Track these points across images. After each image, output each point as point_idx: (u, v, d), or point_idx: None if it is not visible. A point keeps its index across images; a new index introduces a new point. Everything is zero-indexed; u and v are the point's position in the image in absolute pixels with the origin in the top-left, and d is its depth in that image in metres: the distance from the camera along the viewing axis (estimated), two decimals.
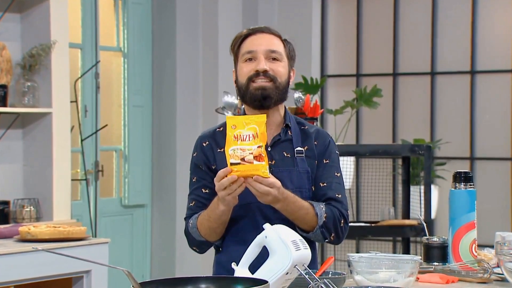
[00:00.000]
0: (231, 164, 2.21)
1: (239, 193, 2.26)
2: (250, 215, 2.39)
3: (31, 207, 4.57)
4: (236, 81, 2.46)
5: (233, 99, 4.27)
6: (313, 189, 2.44)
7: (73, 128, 4.99)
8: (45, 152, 4.66)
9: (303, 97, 4.17)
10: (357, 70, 6.33)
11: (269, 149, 2.42)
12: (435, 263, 2.54)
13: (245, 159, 2.20)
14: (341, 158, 5.17)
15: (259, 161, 2.20)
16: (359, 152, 4.81)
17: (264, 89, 2.39)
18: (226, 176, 2.22)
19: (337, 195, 2.45)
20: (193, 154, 2.49)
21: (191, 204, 2.47)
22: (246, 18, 6.19)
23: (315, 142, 2.47)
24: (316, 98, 5.04)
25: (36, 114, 4.67)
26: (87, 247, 3.71)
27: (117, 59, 5.99)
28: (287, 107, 2.56)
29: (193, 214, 2.45)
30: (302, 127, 2.50)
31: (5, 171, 4.68)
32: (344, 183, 2.55)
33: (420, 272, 2.35)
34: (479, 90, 5.94)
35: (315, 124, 4.18)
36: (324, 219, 2.38)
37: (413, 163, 5.54)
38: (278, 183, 2.26)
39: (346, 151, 4.56)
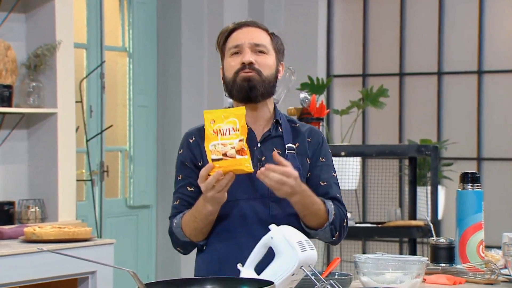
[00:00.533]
0: (213, 160, 2.14)
1: (228, 188, 2.18)
2: (239, 212, 2.31)
3: (36, 207, 4.57)
4: (224, 78, 2.42)
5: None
6: (312, 187, 2.37)
7: (78, 129, 4.98)
8: (50, 153, 4.65)
9: (309, 97, 4.15)
10: (363, 70, 6.31)
11: (259, 145, 2.37)
12: (442, 264, 2.53)
13: (227, 154, 2.14)
14: (347, 159, 5.18)
15: (241, 155, 2.13)
16: (365, 152, 4.79)
17: (250, 80, 2.33)
18: (209, 174, 2.15)
19: (338, 195, 2.41)
20: (179, 151, 2.43)
21: (175, 203, 2.40)
22: (252, 17, 6.15)
23: (308, 139, 2.42)
24: (322, 98, 5.02)
25: (41, 114, 4.66)
26: (92, 248, 3.70)
27: (122, 59, 5.99)
28: (293, 108, 2.53)
29: (178, 213, 2.37)
30: (293, 125, 2.44)
31: (10, 171, 4.67)
32: (349, 184, 2.53)
33: (427, 273, 2.33)
34: (486, 90, 5.92)
35: (320, 124, 4.17)
36: (333, 216, 2.34)
37: (420, 163, 5.52)
38: (295, 173, 2.20)
39: (352, 151, 4.54)
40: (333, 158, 2.50)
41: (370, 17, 6.31)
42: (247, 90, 2.34)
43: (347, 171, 5.12)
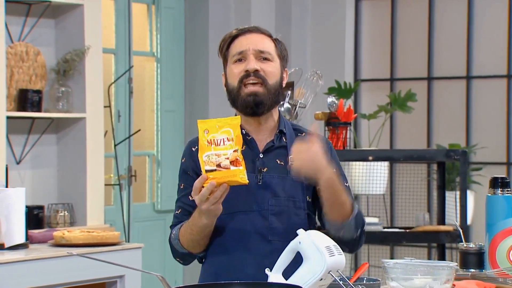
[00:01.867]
0: (206, 171, 2.06)
1: (222, 200, 2.10)
2: (237, 225, 2.24)
3: (65, 212, 4.60)
4: (226, 85, 2.34)
5: None
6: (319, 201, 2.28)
7: (106, 133, 5.02)
8: (78, 157, 4.69)
9: (336, 101, 4.14)
10: (391, 74, 6.28)
11: (261, 156, 2.29)
12: (472, 270, 2.51)
13: (221, 165, 2.06)
14: (375, 163, 5.16)
15: (236, 166, 2.06)
16: (393, 157, 4.76)
17: (256, 95, 2.25)
18: (203, 186, 2.07)
19: (346, 185, 2.32)
20: (181, 160, 2.35)
21: (177, 212, 2.34)
22: (279, 22, 6.18)
23: None
24: (349, 102, 5.00)
25: (70, 119, 4.70)
26: (121, 252, 3.72)
27: (150, 64, 6.02)
28: (320, 112, 2.49)
29: (179, 223, 2.31)
30: (299, 134, 2.35)
31: (39, 176, 4.71)
32: (377, 189, 2.50)
33: (456, 279, 2.31)
34: None
35: (348, 129, 4.16)
36: (357, 210, 2.26)
37: (448, 168, 5.48)
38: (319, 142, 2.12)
39: (380, 156, 4.52)
40: (361, 163, 2.47)
41: (398, 20, 6.28)
42: (253, 106, 2.27)
43: (375, 176, 5.10)
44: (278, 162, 2.29)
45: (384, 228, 4.57)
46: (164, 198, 5.97)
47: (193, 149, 2.32)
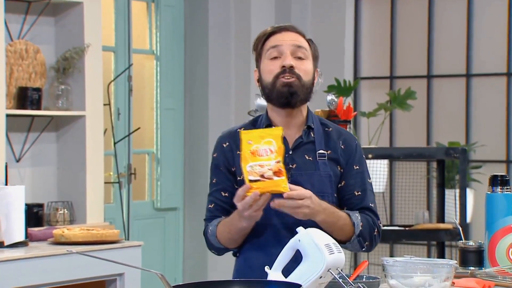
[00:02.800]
0: (250, 181, 2.15)
1: (264, 207, 2.20)
2: (268, 222, 2.33)
3: (65, 210, 4.60)
4: (260, 80, 2.41)
5: (265, 101, 4.25)
6: (345, 196, 2.39)
7: (106, 131, 5.01)
8: (78, 155, 4.69)
9: (336, 99, 4.14)
10: (391, 72, 6.28)
11: (290, 152, 2.36)
12: (471, 268, 2.51)
13: (265, 176, 2.14)
14: (374, 161, 5.16)
15: (278, 176, 2.14)
16: (392, 155, 4.77)
17: (290, 86, 2.32)
18: (246, 194, 2.16)
19: (371, 205, 2.41)
20: (213, 155, 2.44)
21: (210, 206, 2.44)
22: (279, 20, 6.18)
23: (342, 146, 2.40)
24: (349, 100, 5.00)
25: (69, 117, 4.70)
26: (120, 250, 3.72)
27: (149, 62, 6.01)
28: (320, 110, 2.53)
29: (213, 217, 2.42)
30: (326, 129, 2.42)
31: (39, 174, 4.72)
32: (377, 187, 2.52)
33: (456, 277, 2.31)
34: None
35: (347, 127, 4.15)
36: (361, 228, 2.35)
37: (448, 166, 5.48)
38: (308, 192, 2.21)
39: (380, 154, 4.52)
40: None
41: (397, 18, 6.28)
42: (288, 96, 2.33)
43: (375, 174, 5.10)
44: (307, 157, 2.37)
45: (383, 226, 4.57)
46: (163, 196, 5.97)
47: (224, 145, 2.42)
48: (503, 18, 5.87)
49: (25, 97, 4.47)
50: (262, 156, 2.15)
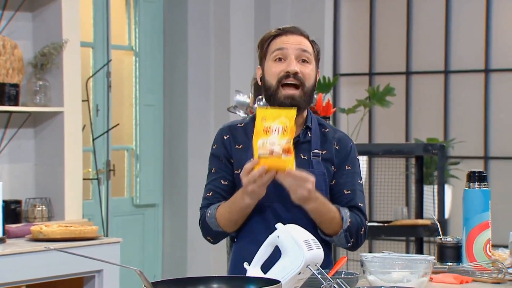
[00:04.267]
0: (259, 156, 2.19)
1: (268, 184, 2.25)
2: (262, 216, 2.39)
3: (43, 206, 4.57)
4: (263, 80, 2.44)
5: (245, 98, 4.25)
6: (335, 195, 2.43)
7: (84, 127, 4.99)
8: (56, 151, 4.66)
9: (315, 96, 4.15)
10: (370, 68, 6.30)
11: None
12: (449, 263, 2.52)
13: (274, 152, 2.19)
14: None
15: (287, 155, 2.19)
16: (372, 151, 4.78)
17: (293, 99, 2.37)
18: (253, 168, 2.21)
19: (360, 204, 2.45)
20: (212, 146, 2.48)
21: (208, 194, 2.46)
22: (258, 16, 6.18)
23: (336, 147, 2.46)
24: (328, 97, 5.01)
25: (47, 113, 4.67)
26: (99, 247, 3.70)
27: (128, 58, 5.99)
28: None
29: (210, 204, 2.44)
30: (323, 130, 2.48)
31: (16, 170, 4.68)
32: None
33: (433, 272, 2.32)
34: (494, 88, 5.90)
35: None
36: (349, 223, 2.39)
37: (427, 162, 5.51)
38: (312, 178, 2.26)
39: (359, 150, 4.49)
40: None
41: (376, 15, 6.29)
42: (289, 105, 2.36)
43: None
44: (302, 156, 2.41)
45: None
46: (143, 192, 5.95)
47: (225, 137, 2.46)
48: (481, 15, 5.91)
49: (3, 93, 4.44)
50: (274, 133, 2.19)
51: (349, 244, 2.43)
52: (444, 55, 6.04)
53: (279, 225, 2.03)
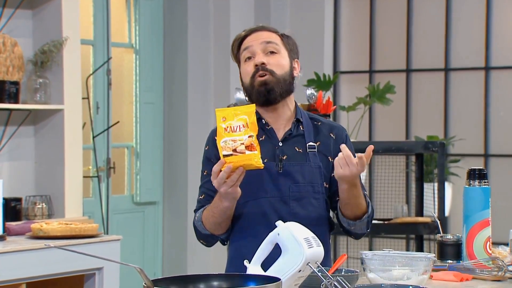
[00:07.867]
0: (224, 156, 2.21)
1: (239, 183, 2.25)
2: (260, 211, 2.39)
3: (43, 204, 4.57)
4: (242, 84, 2.49)
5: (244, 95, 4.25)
6: (337, 186, 2.43)
7: (84, 125, 4.99)
8: (56, 149, 4.66)
9: (315, 93, 4.15)
10: (370, 66, 6.29)
11: (280, 144, 2.43)
12: (449, 261, 2.52)
13: (237, 150, 2.20)
14: None
15: (251, 150, 2.19)
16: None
17: (266, 84, 2.40)
18: (221, 169, 2.22)
19: (365, 192, 2.46)
20: (205, 148, 2.50)
21: (200, 197, 2.48)
22: (258, 14, 6.17)
23: (333, 136, 2.48)
24: (328, 94, 5.01)
25: (47, 110, 4.67)
26: (99, 244, 3.71)
27: (128, 56, 5.99)
28: (299, 104, 2.55)
29: (202, 207, 2.46)
30: (315, 123, 2.50)
31: (17, 168, 4.68)
32: None
33: (434, 270, 2.32)
34: (494, 86, 5.90)
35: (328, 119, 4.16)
36: (371, 210, 2.42)
37: (427, 160, 5.51)
38: (355, 161, 2.28)
39: (359, 148, 4.51)
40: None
41: (377, 13, 6.29)
42: (265, 94, 2.41)
43: None
44: (297, 149, 2.43)
45: None
46: (143, 190, 5.96)
47: (216, 138, 2.44)
48: (481, 12, 5.91)
49: (3, 90, 4.44)
50: (235, 131, 2.21)
51: (368, 230, 2.44)
52: (444, 53, 6.04)
53: (279, 223, 2.03)
